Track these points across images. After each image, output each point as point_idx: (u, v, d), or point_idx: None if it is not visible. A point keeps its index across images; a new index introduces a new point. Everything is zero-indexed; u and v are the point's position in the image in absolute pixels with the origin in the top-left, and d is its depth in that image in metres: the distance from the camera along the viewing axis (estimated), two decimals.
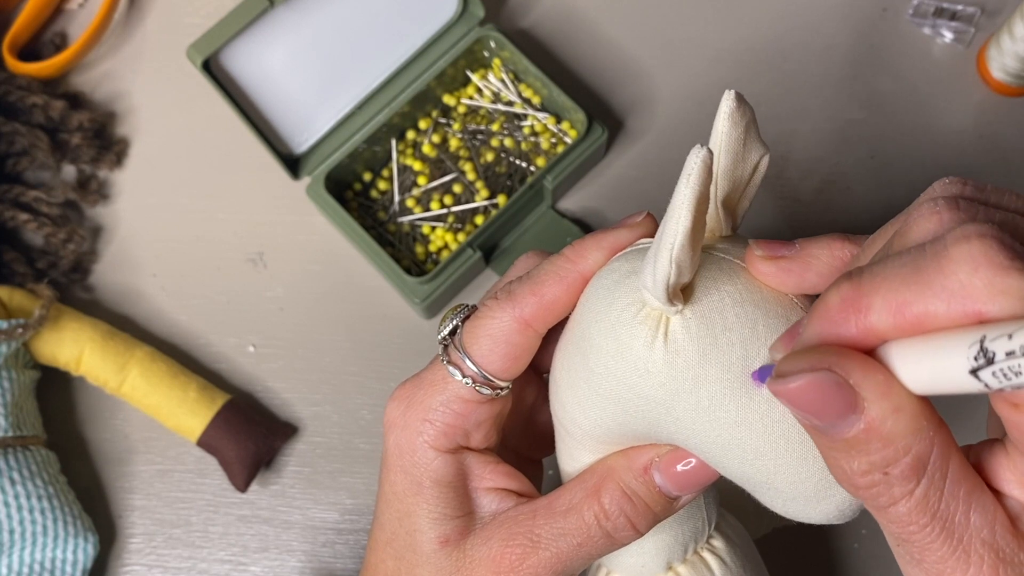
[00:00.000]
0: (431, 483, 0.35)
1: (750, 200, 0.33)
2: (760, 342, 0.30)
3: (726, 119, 0.30)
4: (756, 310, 0.30)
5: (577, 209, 0.59)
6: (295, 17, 0.55)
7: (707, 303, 0.30)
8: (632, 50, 0.62)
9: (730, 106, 0.30)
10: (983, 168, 0.59)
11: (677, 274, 0.29)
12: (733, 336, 0.30)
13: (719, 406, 0.30)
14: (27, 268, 0.57)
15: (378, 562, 0.37)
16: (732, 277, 0.31)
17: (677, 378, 0.31)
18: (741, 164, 0.31)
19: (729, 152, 0.31)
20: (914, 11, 0.61)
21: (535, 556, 0.34)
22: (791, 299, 0.31)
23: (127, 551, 0.55)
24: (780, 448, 0.30)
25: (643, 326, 0.31)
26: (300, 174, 0.57)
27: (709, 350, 0.30)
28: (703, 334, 0.30)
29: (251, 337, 0.57)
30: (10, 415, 0.51)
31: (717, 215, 0.32)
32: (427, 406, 0.35)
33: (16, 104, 0.59)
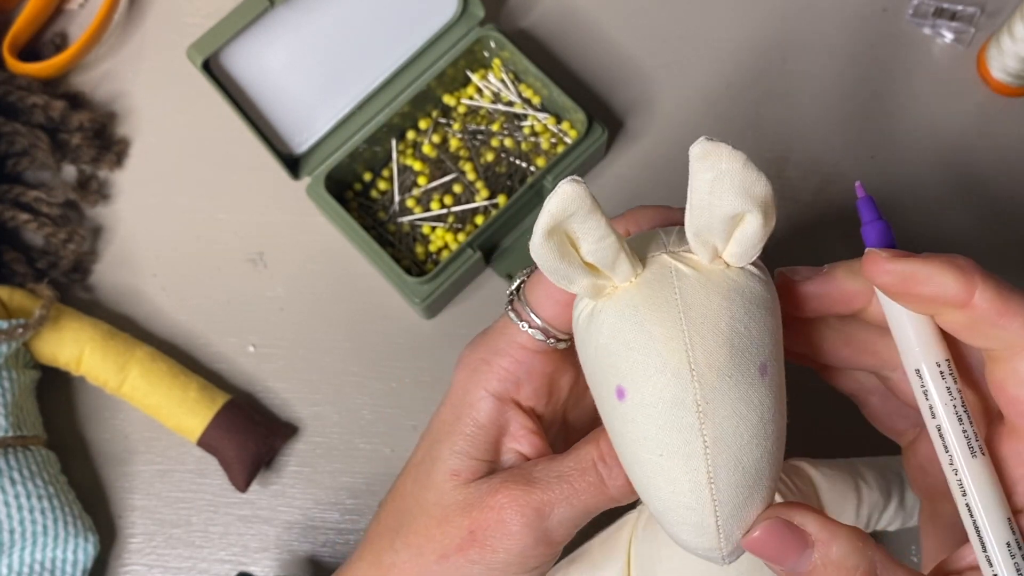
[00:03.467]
0: (470, 420, 0.37)
1: (745, 249, 0.32)
2: (631, 369, 0.32)
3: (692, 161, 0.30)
4: (644, 341, 0.31)
5: None
6: (295, 17, 0.55)
7: (613, 306, 0.32)
8: (632, 50, 0.62)
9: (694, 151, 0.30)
10: (983, 168, 0.59)
11: (548, 274, 0.32)
12: (612, 347, 0.32)
13: (596, 397, 0.34)
14: (27, 268, 0.57)
15: (402, 482, 0.39)
16: (649, 306, 0.32)
17: (577, 348, 0.34)
18: (710, 210, 0.31)
19: (694, 191, 0.31)
20: (914, 11, 0.61)
21: (527, 496, 0.35)
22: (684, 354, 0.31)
23: (127, 551, 0.55)
24: (642, 464, 0.32)
25: (579, 300, 0.34)
26: (300, 174, 0.57)
27: (592, 344, 0.33)
28: (592, 327, 0.33)
29: (251, 337, 0.57)
30: (10, 415, 0.51)
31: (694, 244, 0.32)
32: (489, 348, 0.38)
33: (16, 104, 0.59)
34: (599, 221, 0.31)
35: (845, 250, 0.57)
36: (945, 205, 0.58)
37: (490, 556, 0.36)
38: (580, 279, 0.32)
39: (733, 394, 0.31)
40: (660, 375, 0.31)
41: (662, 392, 0.31)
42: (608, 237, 0.31)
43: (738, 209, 0.31)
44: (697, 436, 0.31)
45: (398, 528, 0.38)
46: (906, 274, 0.32)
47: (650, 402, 0.31)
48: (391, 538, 0.38)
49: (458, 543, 0.36)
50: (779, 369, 0.33)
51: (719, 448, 0.31)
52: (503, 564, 0.36)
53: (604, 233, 0.31)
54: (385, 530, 0.39)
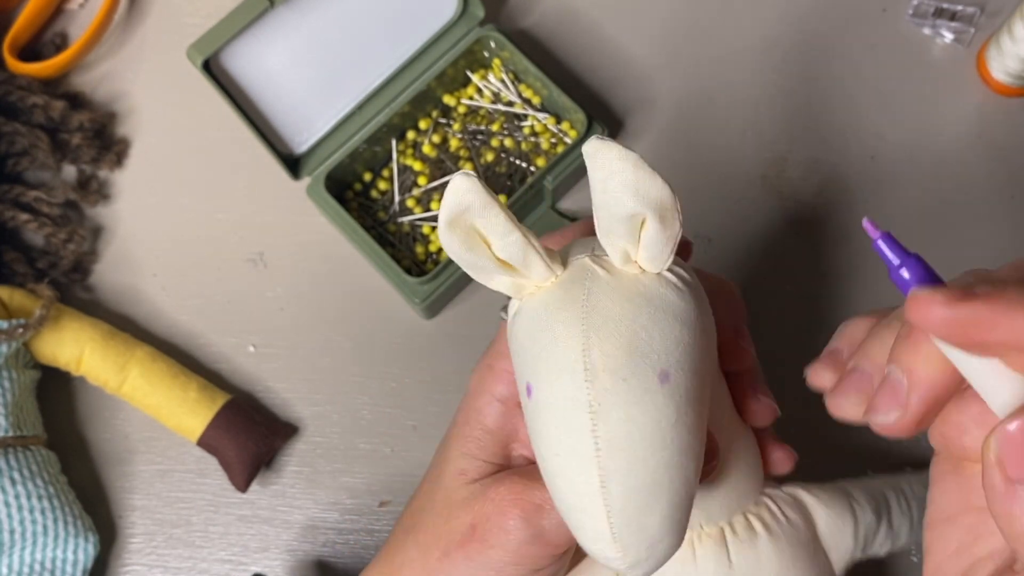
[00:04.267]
0: (477, 425, 0.38)
1: (653, 254, 0.31)
2: (536, 368, 0.32)
3: (585, 158, 0.30)
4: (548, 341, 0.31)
5: (577, 209, 0.59)
6: (295, 17, 0.55)
7: (530, 306, 0.33)
8: (632, 50, 0.62)
9: (586, 149, 0.30)
10: (983, 169, 0.59)
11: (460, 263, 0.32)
12: (525, 345, 0.32)
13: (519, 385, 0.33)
14: (27, 268, 0.57)
15: (421, 484, 0.40)
16: (558, 307, 0.32)
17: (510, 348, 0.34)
18: (606, 209, 0.31)
19: (592, 189, 0.31)
20: (914, 11, 0.61)
21: (527, 491, 0.36)
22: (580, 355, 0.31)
23: (127, 551, 0.55)
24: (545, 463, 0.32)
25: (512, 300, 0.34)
26: (300, 174, 0.57)
27: (513, 341, 0.33)
28: (514, 326, 0.33)
29: (251, 337, 0.57)
30: (10, 415, 0.51)
31: (606, 247, 0.32)
32: (493, 352, 0.39)
33: (16, 104, 0.59)
34: (498, 216, 0.31)
35: (845, 250, 0.57)
36: (945, 205, 0.58)
37: (488, 552, 0.36)
38: (495, 275, 0.32)
39: (628, 398, 0.30)
40: (559, 374, 0.31)
41: (559, 391, 0.31)
42: (512, 234, 0.31)
43: (632, 211, 0.30)
44: (589, 438, 0.30)
45: (411, 527, 0.39)
46: (967, 320, 0.26)
47: (549, 401, 0.31)
48: (403, 537, 0.39)
49: (459, 539, 0.36)
50: (689, 380, 0.31)
51: (612, 452, 0.30)
52: (499, 562, 0.36)
53: (506, 229, 0.31)
54: (400, 530, 0.39)
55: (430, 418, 0.56)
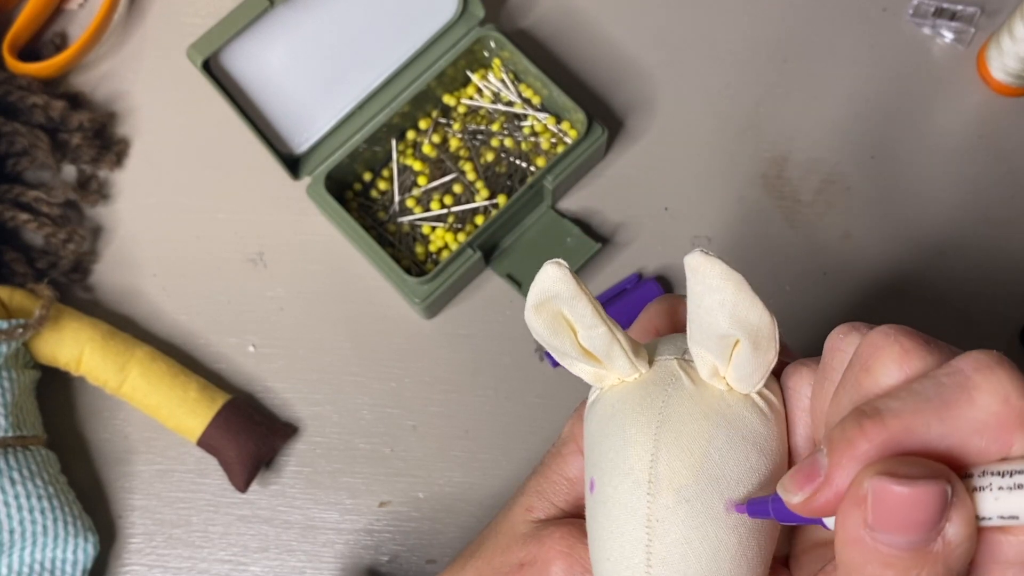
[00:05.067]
0: (557, 470, 0.37)
1: (742, 375, 0.30)
2: (602, 465, 0.31)
3: (687, 270, 0.29)
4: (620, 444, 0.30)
5: (577, 209, 0.59)
6: (295, 17, 0.55)
7: (608, 400, 0.32)
8: (632, 50, 0.62)
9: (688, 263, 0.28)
10: (983, 168, 0.59)
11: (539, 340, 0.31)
12: (596, 439, 0.31)
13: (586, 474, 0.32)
14: (27, 268, 0.57)
15: (493, 519, 0.40)
16: (636, 408, 0.31)
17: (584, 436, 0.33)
18: (702, 323, 0.29)
19: (689, 300, 0.29)
20: (914, 11, 0.61)
21: (578, 547, 0.35)
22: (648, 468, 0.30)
23: (127, 551, 0.55)
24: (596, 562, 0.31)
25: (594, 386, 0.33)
26: (300, 174, 0.57)
27: (587, 432, 0.32)
28: (591, 415, 0.32)
29: (251, 337, 0.57)
30: (10, 415, 0.51)
31: (695, 358, 0.31)
32: (564, 437, 0.37)
33: (16, 104, 0.59)
34: (586, 309, 0.30)
35: (845, 250, 0.57)
36: (945, 205, 0.58)
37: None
38: (578, 363, 0.32)
39: (688, 521, 0.29)
40: (623, 478, 0.30)
41: (619, 496, 0.30)
42: (598, 327, 0.30)
43: (727, 332, 0.29)
44: (642, 551, 0.29)
45: (472, 552, 0.39)
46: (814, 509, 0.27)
47: (608, 502, 0.30)
48: (464, 561, 0.39)
49: (507, 571, 0.36)
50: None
51: (663, 571, 0.29)
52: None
53: (592, 323, 0.30)
54: (466, 552, 0.40)
55: (430, 418, 0.56)
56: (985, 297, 0.57)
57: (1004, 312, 0.56)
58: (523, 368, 0.56)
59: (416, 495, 0.55)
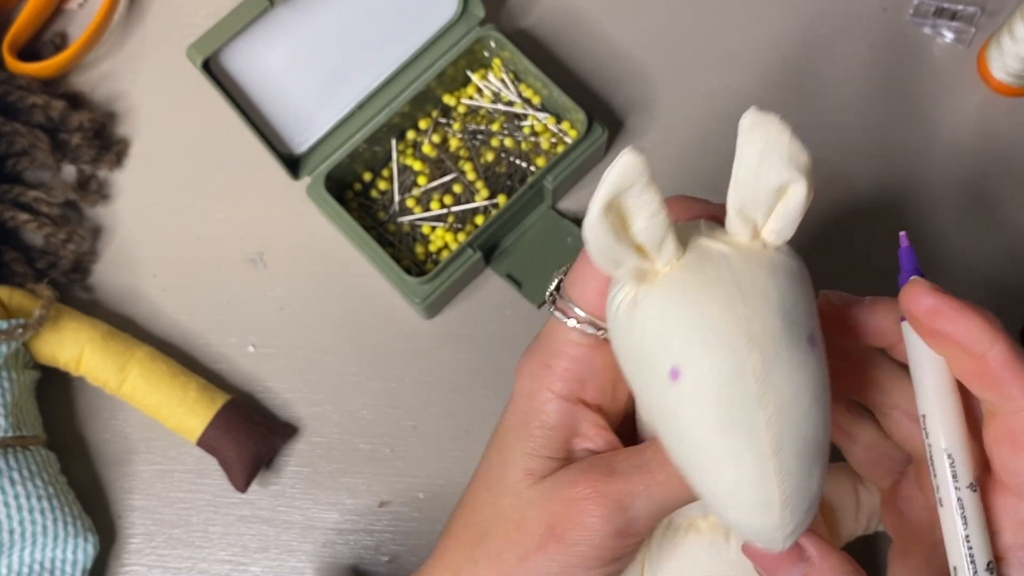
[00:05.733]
0: (538, 424, 0.37)
1: (785, 223, 0.33)
2: (686, 347, 0.32)
3: (740, 134, 0.31)
4: (699, 318, 0.32)
5: (577, 209, 0.59)
6: (295, 17, 0.55)
7: (659, 288, 0.33)
8: (632, 50, 0.62)
9: (744, 123, 0.31)
10: (983, 168, 0.59)
11: (597, 253, 0.32)
12: (664, 328, 0.32)
13: (642, 386, 0.34)
14: (27, 268, 0.57)
15: (473, 495, 0.39)
16: (700, 284, 0.32)
17: (616, 341, 0.34)
18: (756, 182, 0.32)
19: (741, 166, 0.32)
20: (914, 11, 0.61)
21: (607, 486, 0.35)
22: (741, 325, 0.31)
23: (127, 551, 0.55)
24: (699, 446, 0.32)
25: (615, 287, 0.34)
26: (300, 174, 0.57)
27: (636, 333, 0.33)
28: (637, 316, 0.33)
29: (251, 337, 0.57)
30: (10, 415, 0.51)
31: (735, 221, 0.33)
32: (545, 351, 0.38)
33: (16, 104, 0.59)
34: (655, 195, 0.31)
35: (845, 250, 0.57)
36: (944, 205, 0.58)
37: (570, 550, 0.35)
38: (627, 260, 0.32)
39: (790, 364, 0.31)
40: (718, 349, 0.31)
41: (722, 365, 0.31)
42: (661, 213, 0.32)
43: (785, 179, 0.31)
44: (758, 408, 0.31)
45: (477, 540, 0.37)
46: (937, 309, 0.33)
47: (708, 377, 0.31)
48: (469, 551, 0.38)
49: (538, 541, 0.36)
50: (823, 344, 0.33)
51: (780, 419, 0.31)
52: (583, 558, 0.35)
53: (658, 208, 0.32)
54: (461, 544, 0.38)
55: (430, 418, 0.56)
56: (985, 297, 0.57)
57: (1004, 312, 0.56)
58: None
59: (416, 495, 0.55)
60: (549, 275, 0.54)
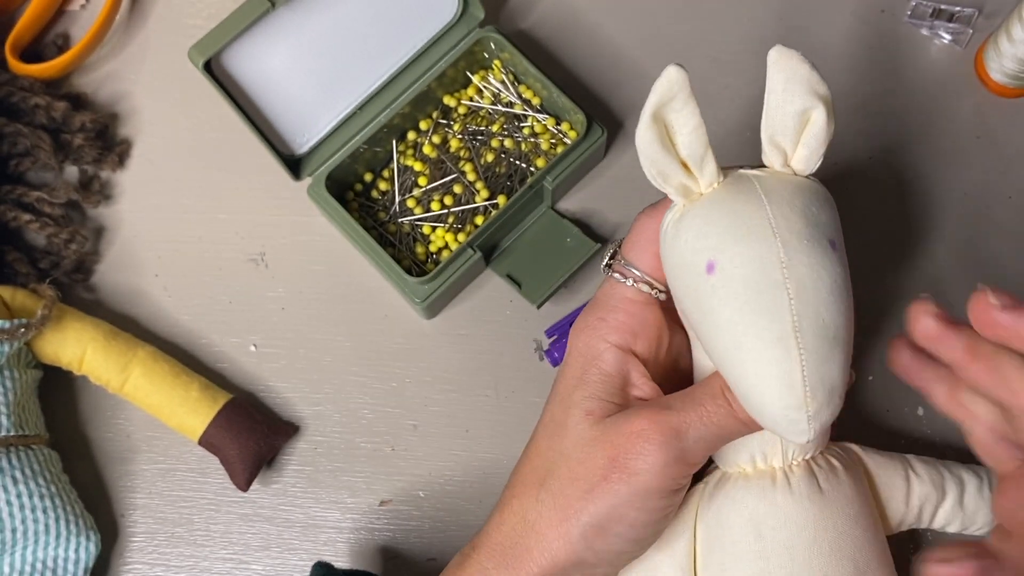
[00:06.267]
0: (596, 371, 0.41)
1: (811, 150, 0.38)
2: (720, 242, 0.37)
3: (768, 66, 0.37)
4: (732, 219, 0.37)
5: (577, 209, 0.59)
6: (296, 18, 0.55)
7: (701, 203, 0.39)
8: (632, 51, 0.62)
9: (771, 56, 0.37)
10: (980, 169, 0.59)
11: (646, 163, 0.39)
12: (703, 231, 0.38)
13: (685, 291, 0.39)
14: (30, 268, 0.57)
15: (533, 445, 0.42)
16: (734, 195, 0.38)
17: (666, 257, 0.40)
18: (783, 107, 0.37)
19: (770, 92, 0.38)
20: (912, 12, 0.61)
21: (664, 416, 0.38)
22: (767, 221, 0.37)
23: (129, 550, 0.55)
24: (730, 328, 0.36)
25: (667, 214, 0.40)
26: (301, 175, 0.57)
27: (681, 241, 0.39)
28: (682, 226, 0.39)
29: (253, 337, 0.58)
30: (13, 414, 0.51)
31: (768, 150, 0.39)
32: (602, 307, 0.42)
33: (19, 105, 0.59)
34: (695, 109, 0.37)
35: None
36: (942, 206, 0.58)
37: (632, 479, 0.38)
38: (674, 175, 0.38)
39: (811, 253, 0.36)
40: (747, 239, 0.37)
41: (749, 252, 0.36)
42: (702, 127, 0.38)
43: (807, 105, 0.37)
44: (782, 289, 0.36)
45: (541, 482, 0.40)
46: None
47: (738, 263, 0.36)
48: (535, 494, 0.40)
49: (600, 473, 0.38)
50: (845, 257, 0.38)
51: (801, 300, 0.36)
52: (644, 487, 0.38)
53: (698, 122, 0.38)
54: (527, 489, 0.41)
55: (430, 418, 0.56)
56: None
57: None
58: (523, 368, 0.57)
59: (417, 494, 0.55)
60: (549, 275, 0.55)
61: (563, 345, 0.56)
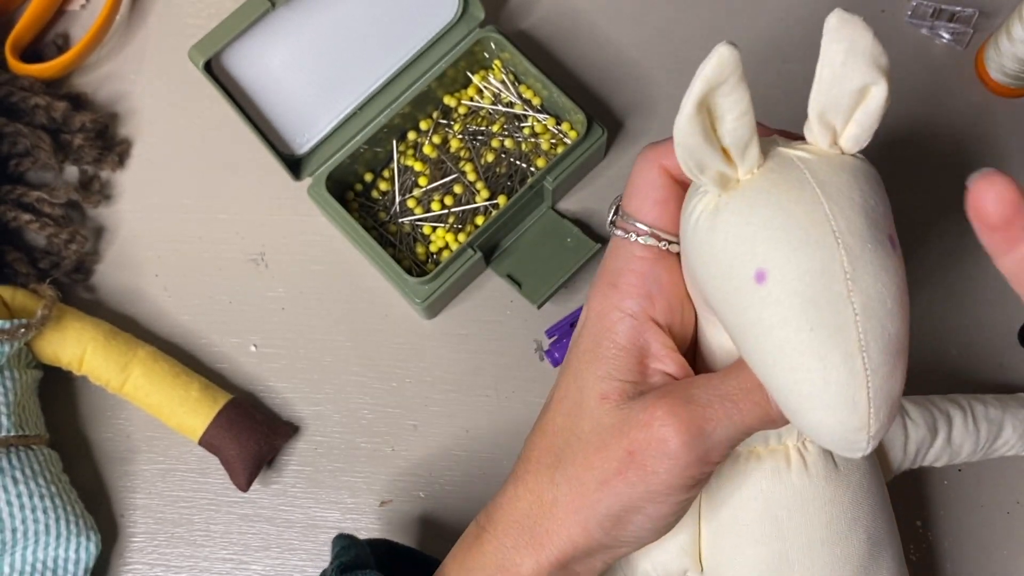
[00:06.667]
0: (610, 344, 0.37)
1: (863, 128, 0.33)
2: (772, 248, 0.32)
3: (826, 34, 0.32)
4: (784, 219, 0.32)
5: (577, 209, 0.59)
6: (296, 18, 0.55)
7: (742, 195, 0.33)
8: (632, 51, 0.62)
9: (830, 22, 0.31)
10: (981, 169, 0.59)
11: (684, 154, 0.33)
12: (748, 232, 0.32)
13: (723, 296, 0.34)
14: (30, 268, 0.57)
15: (549, 419, 0.39)
16: (783, 187, 0.33)
17: (696, 252, 0.34)
18: (839, 83, 0.32)
19: (825, 65, 0.32)
20: (912, 12, 0.61)
21: (687, 413, 0.35)
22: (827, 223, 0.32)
23: (129, 550, 0.55)
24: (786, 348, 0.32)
25: (694, 199, 0.35)
26: (301, 175, 0.57)
27: (719, 240, 0.33)
28: (719, 223, 0.33)
29: (253, 337, 0.58)
30: (13, 415, 0.51)
31: (816, 127, 0.34)
32: (611, 271, 0.38)
33: (19, 105, 0.59)
34: (745, 92, 0.32)
35: None
36: (943, 205, 0.58)
37: (649, 477, 0.35)
38: (713, 164, 0.33)
39: (875, 261, 0.32)
40: (805, 247, 0.31)
41: (809, 263, 0.31)
42: (750, 112, 0.32)
43: (868, 80, 0.32)
44: (847, 304, 0.31)
45: (556, 463, 0.38)
46: None
47: (796, 275, 0.31)
48: (550, 475, 0.38)
49: (616, 466, 0.36)
50: (900, 252, 0.33)
51: (867, 315, 0.31)
52: (663, 485, 0.35)
53: (748, 107, 0.32)
54: (542, 467, 0.38)
55: (430, 417, 0.56)
56: (984, 297, 0.57)
57: (1004, 312, 0.57)
58: (523, 368, 0.57)
59: (417, 494, 0.55)
60: (549, 275, 0.55)
61: (563, 345, 0.56)
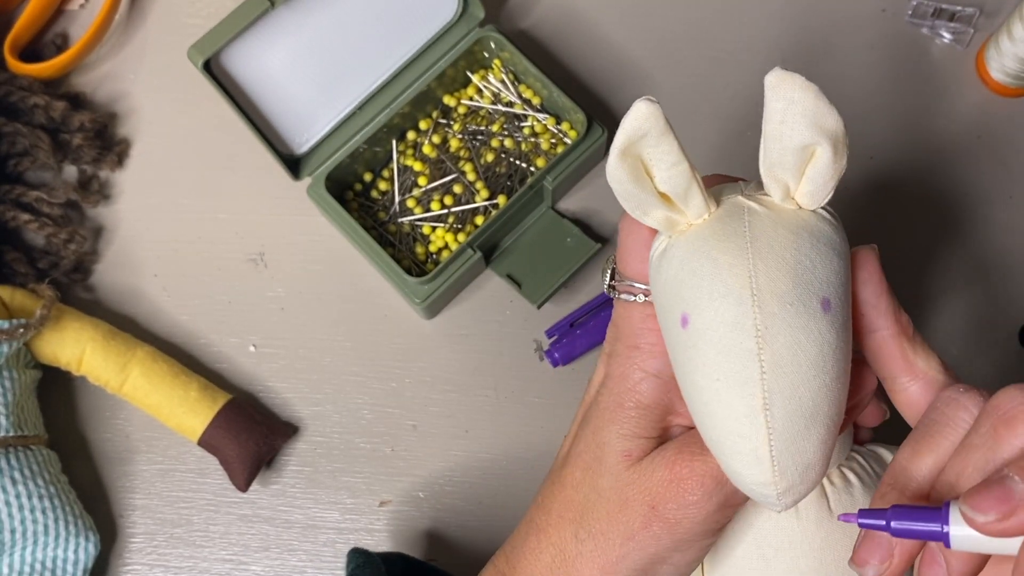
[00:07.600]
0: (632, 404, 0.37)
1: (817, 186, 0.33)
2: (695, 294, 0.32)
3: (766, 90, 0.31)
4: (710, 268, 0.32)
5: (577, 209, 0.59)
6: (296, 18, 0.55)
7: (686, 239, 0.33)
8: (632, 51, 0.62)
9: (769, 80, 0.31)
10: (981, 168, 0.59)
11: (621, 199, 0.33)
12: (681, 276, 0.33)
13: (666, 333, 0.34)
14: (28, 268, 0.57)
15: (568, 473, 0.39)
16: (719, 237, 0.33)
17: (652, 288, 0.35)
18: (780, 140, 0.32)
19: (768, 121, 0.32)
20: (913, 12, 0.61)
21: (704, 464, 0.35)
22: (747, 279, 0.32)
23: (128, 550, 0.55)
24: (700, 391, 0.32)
25: (657, 239, 0.35)
26: (301, 174, 0.57)
27: (661, 281, 0.34)
28: (663, 265, 0.34)
29: (252, 337, 0.58)
30: (11, 415, 0.51)
31: (766, 180, 0.33)
32: (627, 335, 0.38)
33: (17, 105, 0.59)
34: (672, 144, 0.32)
35: None
36: (944, 205, 0.58)
37: (674, 528, 0.36)
38: (654, 209, 0.33)
39: (793, 322, 0.31)
40: (722, 299, 0.31)
41: (723, 316, 0.31)
42: (681, 164, 0.32)
43: (808, 141, 0.31)
44: (755, 361, 0.31)
45: (579, 519, 0.38)
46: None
47: (710, 326, 0.32)
48: (573, 530, 0.38)
49: (641, 520, 0.37)
50: (845, 310, 0.33)
51: (776, 375, 0.31)
52: (688, 533, 0.36)
53: (677, 159, 0.32)
54: (565, 522, 0.39)
55: (430, 418, 0.56)
56: (984, 297, 0.57)
57: (1004, 312, 0.57)
58: (523, 368, 0.57)
59: (417, 495, 0.55)
60: (549, 275, 0.55)
61: (563, 345, 0.56)
